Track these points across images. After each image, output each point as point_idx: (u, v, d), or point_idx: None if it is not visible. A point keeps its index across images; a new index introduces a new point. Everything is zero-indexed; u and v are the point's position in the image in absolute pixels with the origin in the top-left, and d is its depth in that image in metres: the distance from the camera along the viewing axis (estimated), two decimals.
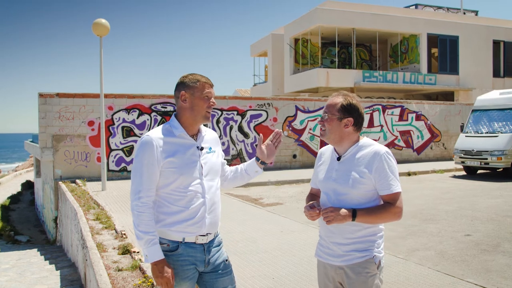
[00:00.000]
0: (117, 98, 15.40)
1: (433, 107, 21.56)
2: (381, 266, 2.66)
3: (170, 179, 2.70)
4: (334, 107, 2.69)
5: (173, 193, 2.71)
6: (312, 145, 18.61)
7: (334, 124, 2.67)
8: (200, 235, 2.75)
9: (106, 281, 4.99)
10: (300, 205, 10.78)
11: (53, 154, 14.50)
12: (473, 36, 28.70)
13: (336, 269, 2.67)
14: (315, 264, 5.74)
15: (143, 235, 2.65)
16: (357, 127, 2.70)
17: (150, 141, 2.68)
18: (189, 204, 2.71)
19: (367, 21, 26.58)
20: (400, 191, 2.61)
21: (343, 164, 2.68)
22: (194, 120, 2.78)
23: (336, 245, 2.66)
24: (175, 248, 2.72)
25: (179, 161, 2.70)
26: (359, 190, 2.60)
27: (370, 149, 2.65)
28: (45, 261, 10.42)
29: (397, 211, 2.59)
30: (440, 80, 27.80)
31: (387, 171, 2.58)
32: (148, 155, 2.67)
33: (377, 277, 2.62)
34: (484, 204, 10.39)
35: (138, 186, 2.68)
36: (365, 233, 2.62)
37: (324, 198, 2.75)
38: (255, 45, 34.68)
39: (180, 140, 2.76)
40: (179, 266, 2.71)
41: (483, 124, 15.86)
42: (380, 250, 2.66)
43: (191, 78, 2.79)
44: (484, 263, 6.13)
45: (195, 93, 2.75)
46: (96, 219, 8.53)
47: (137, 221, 2.67)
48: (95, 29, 12.23)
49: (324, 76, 25.97)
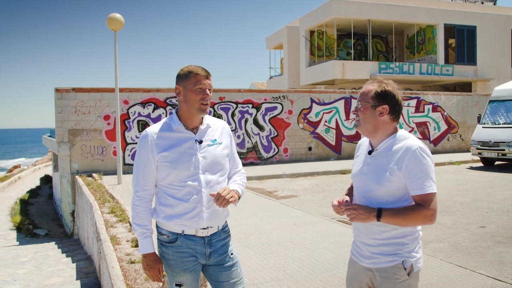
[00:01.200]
0: (132, 92, 15.50)
1: (450, 98, 21.32)
2: (414, 271, 2.43)
3: (164, 173, 2.71)
4: (368, 94, 2.49)
5: (170, 186, 2.73)
6: (328, 137, 18.53)
7: (368, 112, 2.47)
8: (200, 228, 2.74)
9: (118, 273, 5.05)
10: (315, 198, 10.77)
11: (69, 149, 14.66)
12: (491, 26, 28.26)
13: (365, 271, 2.53)
14: (327, 256, 5.80)
15: (137, 227, 2.76)
16: (394, 116, 2.48)
17: (146, 136, 2.72)
18: (187, 198, 2.70)
19: (383, 12, 26.32)
20: (434, 192, 2.36)
21: (375, 159, 2.50)
22: (190, 113, 2.75)
23: (364, 245, 2.52)
24: (175, 240, 2.74)
25: (172, 155, 2.69)
26: (386, 188, 2.40)
27: (403, 144, 2.42)
28: (62, 254, 10.56)
29: (429, 213, 2.34)
30: (457, 71, 27.45)
31: (419, 169, 2.35)
32: (144, 150, 2.72)
33: (408, 284, 2.42)
34: (501, 196, 10.27)
35: (135, 180, 2.78)
36: (393, 234, 2.42)
37: (355, 194, 2.61)
38: (270, 38, 34.60)
39: (178, 134, 2.74)
40: (178, 258, 2.74)
41: (500, 115, 15.64)
42: (413, 253, 2.44)
43: (184, 70, 2.76)
44: (498, 255, 6.07)
45: (188, 85, 2.72)
46: (111, 212, 8.62)
47: (133, 214, 2.79)
48: (109, 23, 12.30)
49: (340, 68, 25.82)
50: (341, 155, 18.62)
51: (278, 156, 17.64)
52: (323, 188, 12.27)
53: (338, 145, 18.71)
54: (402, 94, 2.55)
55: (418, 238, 2.48)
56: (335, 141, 18.67)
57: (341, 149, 18.71)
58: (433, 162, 2.43)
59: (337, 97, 18.79)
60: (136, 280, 4.97)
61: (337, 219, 8.16)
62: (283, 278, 5.14)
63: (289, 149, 17.84)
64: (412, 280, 2.44)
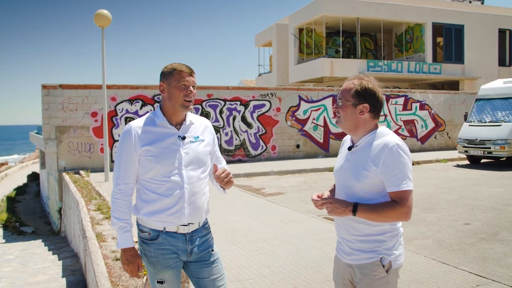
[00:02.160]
0: (120, 89, 15.44)
1: (437, 96, 21.48)
2: (393, 268, 2.43)
3: (147, 167, 2.71)
4: (349, 92, 2.49)
5: (151, 181, 2.73)
6: (316, 135, 18.59)
7: (349, 110, 2.48)
8: (181, 224, 2.75)
9: (103, 270, 5.04)
10: (302, 195, 10.81)
11: (57, 146, 14.58)
12: (478, 25, 28.46)
13: (347, 267, 2.55)
14: (312, 253, 5.83)
15: (116, 221, 2.74)
16: (374, 114, 2.49)
17: (129, 130, 2.72)
18: (168, 193, 2.71)
19: (372, 10, 26.42)
20: (409, 189, 2.35)
21: (354, 155, 2.51)
22: (173, 109, 2.75)
23: (344, 241, 2.54)
24: (156, 237, 2.74)
25: (156, 150, 2.69)
26: (364, 184, 2.41)
27: (381, 140, 2.42)
28: (48, 251, 10.53)
29: (404, 211, 2.33)
30: (445, 69, 27.64)
31: (395, 166, 2.34)
32: (126, 144, 2.71)
33: (387, 280, 2.43)
34: (486, 193, 10.38)
35: (116, 174, 2.76)
36: (372, 231, 2.43)
37: (336, 190, 2.63)
38: (259, 35, 34.60)
39: (161, 129, 2.75)
40: (160, 255, 2.73)
41: (486, 113, 15.79)
42: (392, 251, 2.44)
43: (168, 67, 2.77)
44: (481, 252, 6.14)
45: (171, 82, 2.73)
46: (97, 210, 8.59)
47: (113, 207, 2.76)
48: (97, 20, 12.23)
49: (328, 66, 25.88)
50: (329, 152, 18.67)
51: (266, 154, 17.66)
52: (310, 185, 12.31)
53: (326, 142, 18.78)
54: (384, 91, 2.54)
55: (398, 235, 2.49)
56: (323, 139, 18.74)
57: (329, 146, 18.78)
58: (410, 159, 2.42)
59: (325, 94, 18.86)
60: (121, 277, 4.97)
61: (323, 216, 8.20)
62: (268, 274, 5.16)
63: (277, 146, 17.88)
64: (391, 277, 2.44)
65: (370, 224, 2.43)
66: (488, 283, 4.76)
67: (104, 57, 12.71)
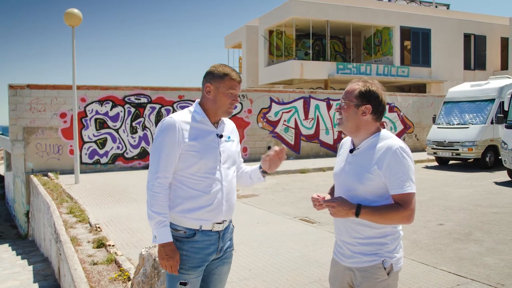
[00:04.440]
0: (90, 89, 15.18)
1: (406, 99, 21.83)
2: (394, 271, 2.44)
3: (189, 162, 2.67)
4: (352, 93, 2.49)
5: (192, 177, 2.69)
6: (287, 137, 18.65)
7: (351, 111, 2.48)
8: (216, 222, 2.73)
9: (81, 275, 4.92)
10: (276, 197, 10.81)
11: (24, 147, 14.23)
12: (444, 29, 29.07)
13: (346, 270, 2.53)
14: (292, 255, 5.83)
15: (155, 215, 2.62)
16: (377, 116, 2.49)
17: (173, 123, 2.65)
18: (208, 189, 2.69)
19: (341, 14, 26.67)
20: (412, 191, 2.37)
21: (356, 157, 2.50)
22: (215, 112, 2.77)
23: (345, 244, 2.52)
24: (192, 236, 2.70)
25: (200, 146, 2.68)
26: (367, 187, 2.41)
27: (384, 143, 2.42)
28: (17, 256, 10.24)
29: (407, 214, 2.35)
30: (412, 72, 28.12)
31: (399, 168, 2.35)
32: (169, 137, 2.64)
33: (388, 283, 2.43)
34: (456, 194, 10.58)
35: (156, 167, 2.66)
36: (373, 233, 2.43)
37: (337, 192, 2.59)
38: (229, 37, 34.54)
39: (202, 126, 2.74)
40: (192, 254, 2.69)
41: (454, 116, 16.12)
42: (393, 254, 2.45)
43: (220, 70, 2.75)
44: (457, 251, 6.24)
45: (220, 88, 2.72)
46: (69, 213, 8.40)
47: (152, 201, 2.64)
48: (67, 19, 12.00)
49: (298, 68, 26.01)
50: (300, 154, 18.75)
51: None
52: (283, 187, 12.33)
53: (297, 144, 18.85)
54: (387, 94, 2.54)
55: (399, 238, 2.50)
56: (294, 141, 18.81)
57: (299, 148, 18.86)
58: (413, 162, 2.44)
59: (297, 96, 18.94)
60: (100, 282, 4.86)
61: (300, 218, 8.21)
62: (250, 277, 5.13)
63: (248, 148, 17.86)
64: (392, 280, 2.45)
65: (372, 226, 2.42)
66: (468, 282, 4.84)
67: (74, 57, 12.47)
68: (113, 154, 15.52)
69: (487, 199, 9.91)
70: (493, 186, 11.75)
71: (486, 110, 15.30)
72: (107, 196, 10.58)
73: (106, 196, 10.58)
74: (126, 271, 5.04)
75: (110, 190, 11.34)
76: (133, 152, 15.77)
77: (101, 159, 15.32)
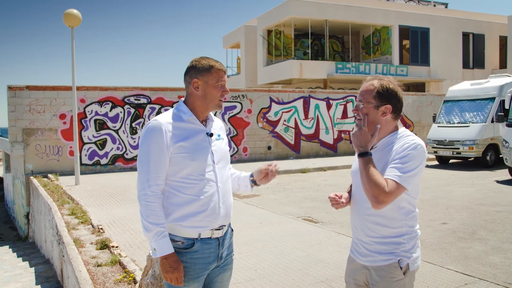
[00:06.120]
0: (89, 90, 15.13)
1: (406, 98, 21.77)
2: (410, 270, 2.37)
3: (180, 165, 2.49)
4: (370, 93, 2.40)
5: (184, 181, 2.51)
6: (287, 136, 18.62)
7: (371, 113, 2.38)
8: (215, 229, 2.59)
9: (86, 277, 4.88)
10: (277, 197, 10.78)
11: (23, 149, 14.18)
12: (443, 28, 29.09)
13: (362, 269, 2.48)
14: (297, 255, 5.79)
15: (152, 226, 2.43)
16: (396, 115, 2.42)
17: (159, 126, 2.47)
18: (202, 193, 2.52)
19: (340, 13, 26.66)
20: (397, 181, 2.24)
21: (374, 155, 2.37)
22: (205, 108, 2.61)
23: (361, 243, 2.47)
24: (190, 246, 2.53)
25: (190, 146, 2.51)
26: None
27: (405, 141, 2.34)
28: (17, 258, 10.19)
29: (381, 197, 2.21)
30: (411, 71, 28.12)
31: (401, 157, 2.28)
32: (156, 141, 2.46)
33: (404, 283, 2.37)
34: (458, 193, 10.56)
35: (146, 174, 2.48)
36: (389, 233, 2.37)
37: (354, 189, 2.54)
38: (227, 37, 34.50)
39: (190, 125, 2.57)
40: (192, 265, 2.53)
41: (455, 115, 16.11)
42: (410, 253, 2.38)
43: (204, 63, 2.59)
44: (462, 251, 6.22)
45: (209, 81, 2.57)
46: (71, 214, 8.35)
47: (147, 212, 2.45)
48: (66, 19, 11.96)
49: (297, 68, 25.98)
50: (300, 154, 18.73)
51: (238, 156, 17.59)
52: (284, 187, 12.29)
53: (297, 144, 18.83)
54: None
55: (415, 237, 2.44)
56: (294, 140, 18.78)
57: (300, 148, 18.83)
58: (423, 164, 2.35)
59: (296, 96, 18.91)
60: (105, 283, 4.82)
61: (303, 217, 8.18)
62: (256, 278, 5.09)
63: (248, 148, 17.83)
64: (408, 279, 2.40)
65: (388, 226, 2.38)
66: (476, 281, 4.81)
67: (73, 58, 12.42)
68: (113, 155, 15.47)
69: (490, 198, 9.89)
70: (495, 185, 11.75)
71: (486, 108, 15.30)
72: (108, 197, 10.53)
73: (107, 197, 10.53)
74: (131, 272, 5.00)
75: (111, 191, 11.29)
76: (133, 152, 15.71)
77: (101, 160, 15.27)
